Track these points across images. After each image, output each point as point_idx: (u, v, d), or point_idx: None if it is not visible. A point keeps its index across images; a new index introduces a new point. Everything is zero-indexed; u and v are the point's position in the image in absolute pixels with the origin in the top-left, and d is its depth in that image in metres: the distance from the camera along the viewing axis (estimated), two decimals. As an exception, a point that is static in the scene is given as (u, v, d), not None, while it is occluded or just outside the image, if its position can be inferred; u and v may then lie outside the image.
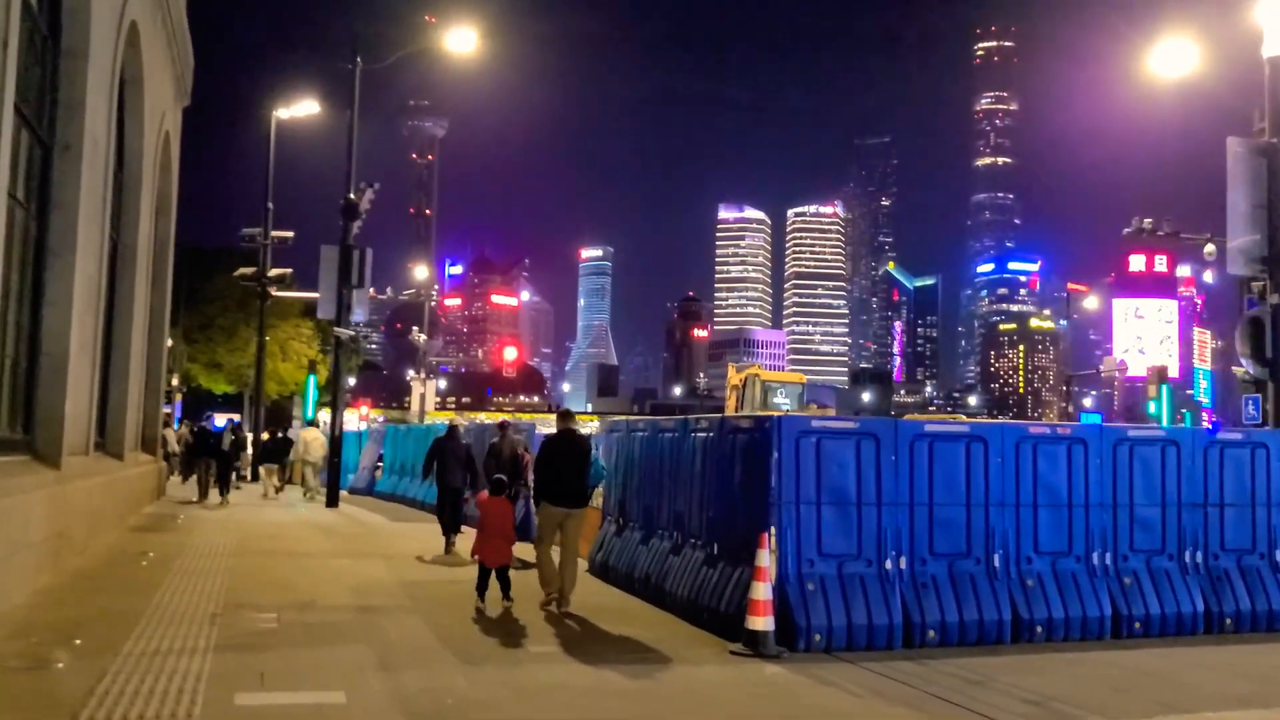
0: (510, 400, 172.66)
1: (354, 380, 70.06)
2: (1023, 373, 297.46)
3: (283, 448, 26.68)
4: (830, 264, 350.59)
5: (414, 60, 28.05)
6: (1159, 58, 18.70)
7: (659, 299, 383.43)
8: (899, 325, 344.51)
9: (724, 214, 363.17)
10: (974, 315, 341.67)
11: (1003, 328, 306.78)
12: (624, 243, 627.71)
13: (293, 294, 35.19)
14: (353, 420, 43.74)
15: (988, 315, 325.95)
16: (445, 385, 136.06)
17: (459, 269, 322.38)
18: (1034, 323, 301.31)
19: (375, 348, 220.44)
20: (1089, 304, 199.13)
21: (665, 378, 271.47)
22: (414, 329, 57.37)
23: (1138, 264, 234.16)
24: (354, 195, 23.20)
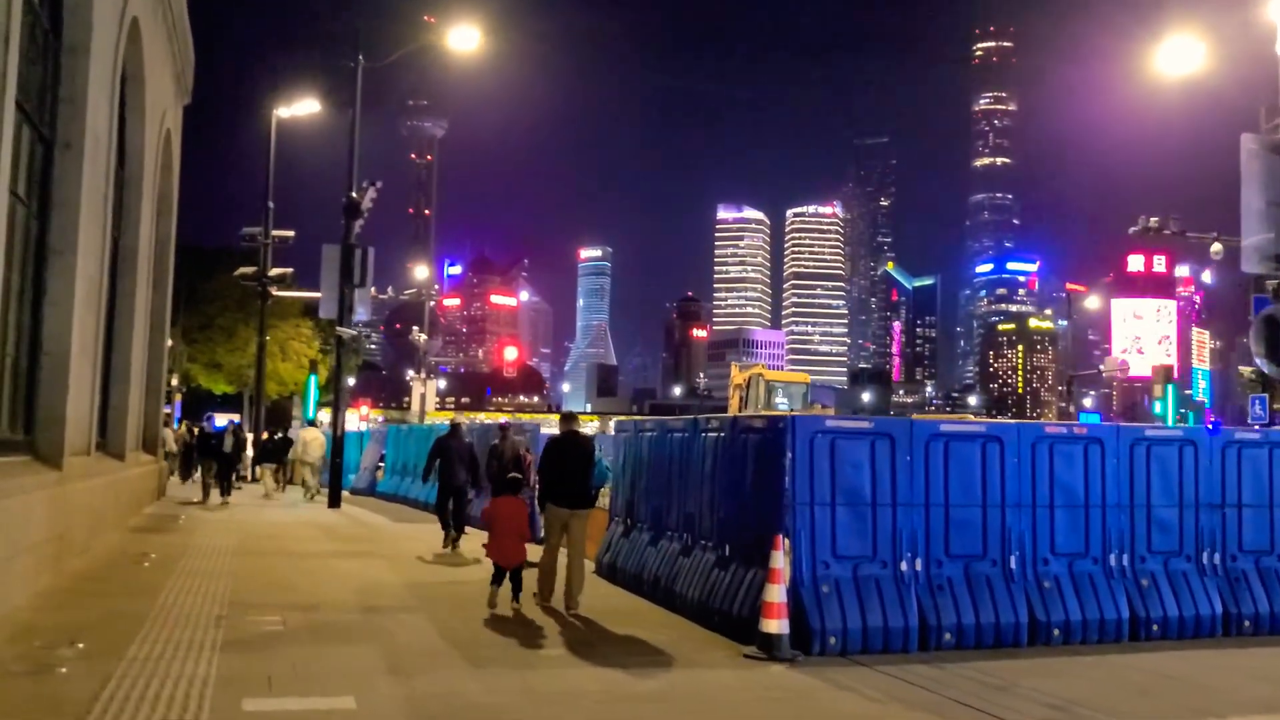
0: (510, 400, 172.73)
1: (354, 380, 69.87)
2: (1021, 373, 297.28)
3: (282, 448, 26.70)
4: (829, 264, 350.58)
5: (414, 59, 28.01)
6: (1163, 56, 18.56)
7: (658, 299, 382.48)
8: (898, 325, 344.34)
9: (723, 214, 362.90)
10: (973, 315, 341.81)
11: (1001, 328, 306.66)
12: (623, 243, 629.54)
13: (293, 294, 35.11)
14: (352, 420, 43.59)
15: (986, 315, 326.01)
16: (445, 385, 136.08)
17: (458, 269, 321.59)
18: (1033, 323, 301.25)
19: (375, 348, 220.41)
20: (1088, 304, 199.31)
21: (664, 378, 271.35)
22: (414, 329, 57.18)
23: (1136, 264, 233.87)
24: (356, 194, 23.08)
